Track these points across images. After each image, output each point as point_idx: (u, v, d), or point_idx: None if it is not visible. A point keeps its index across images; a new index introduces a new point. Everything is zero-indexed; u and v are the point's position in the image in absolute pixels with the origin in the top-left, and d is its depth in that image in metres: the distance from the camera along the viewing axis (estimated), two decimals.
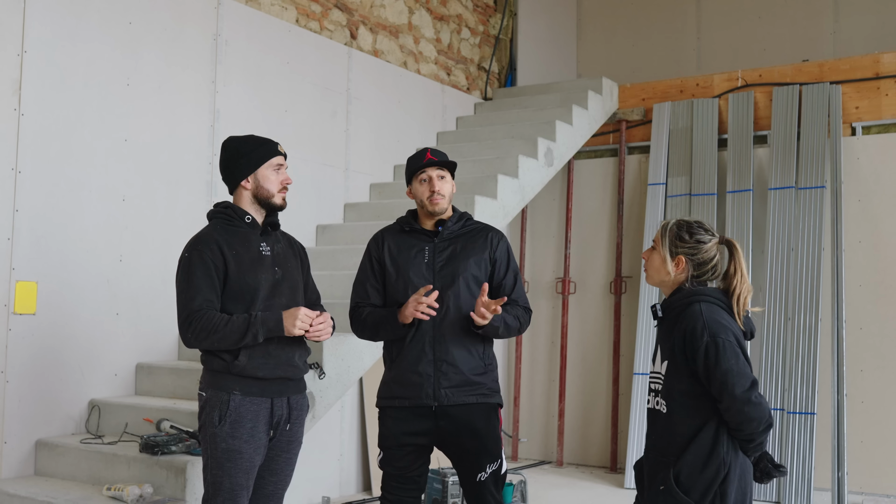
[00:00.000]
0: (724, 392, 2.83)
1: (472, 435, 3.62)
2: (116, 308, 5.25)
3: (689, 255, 3.02)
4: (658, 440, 3.00)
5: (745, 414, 2.83)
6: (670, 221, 3.09)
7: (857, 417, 6.75)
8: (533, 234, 8.49)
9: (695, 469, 2.87)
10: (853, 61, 7.21)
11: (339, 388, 4.96)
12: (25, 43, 4.82)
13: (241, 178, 3.48)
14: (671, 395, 2.95)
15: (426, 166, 3.73)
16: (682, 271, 3.03)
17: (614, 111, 8.17)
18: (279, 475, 3.48)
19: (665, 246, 3.05)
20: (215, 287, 3.34)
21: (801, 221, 6.94)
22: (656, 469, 2.96)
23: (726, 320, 2.93)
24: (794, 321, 6.78)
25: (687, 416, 2.91)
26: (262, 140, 3.55)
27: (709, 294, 2.98)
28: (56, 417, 4.95)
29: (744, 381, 2.83)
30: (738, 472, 2.89)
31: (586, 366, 8.10)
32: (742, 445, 2.91)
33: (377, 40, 7.39)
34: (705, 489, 2.85)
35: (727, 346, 2.85)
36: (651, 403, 3.07)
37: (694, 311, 2.93)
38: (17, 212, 4.76)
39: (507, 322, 3.68)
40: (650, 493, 2.99)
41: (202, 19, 5.82)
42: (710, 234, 3.05)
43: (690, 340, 2.89)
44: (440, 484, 5.61)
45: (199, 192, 5.69)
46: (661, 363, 3.02)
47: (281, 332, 3.34)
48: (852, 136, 7.10)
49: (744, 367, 2.85)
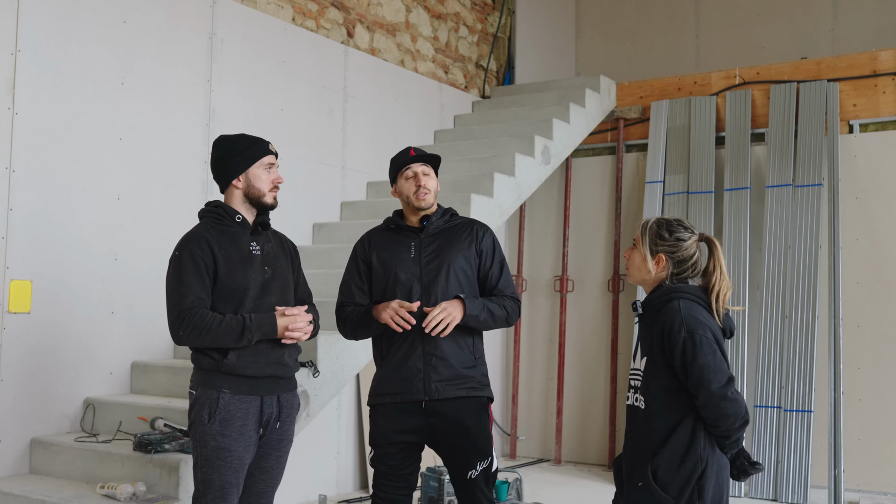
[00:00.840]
0: (701, 388, 2.84)
1: (463, 433, 3.62)
2: (111, 307, 5.26)
3: (669, 253, 3.04)
4: (636, 436, 3.01)
5: (721, 410, 2.84)
6: (650, 220, 3.12)
7: (854, 415, 6.74)
8: (531, 232, 8.49)
9: (672, 465, 2.88)
10: (851, 59, 7.20)
11: (334, 386, 4.97)
12: (19, 42, 4.82)
13: (233, 177, 3.48)
14: (649, 391, 2.97)
15: (410, 162, 3.76)
16: (662, 269, 3.05)
17: (612, 109, 8.16)
18: (270, 473, 3.49)
19: (645, 244, 3.07)
20: (206, 285, 3.35)
21: (799, 219, 6.93)
22: (634, 465, 2.98)
23: (704, 317, 2.94)
24: (791, 319, 6.77)
25: (664, 411, 2.93)
26: (254, 139, 3.55)
27: (688, 291, 2.99)
28: (51, 416, 4.96)
29: (720, 377, 2.84)
30: (716, 468, 2.89)
31: (584, 364, 8.10)
32: (719, 442, 2.92)
33: (374, 39, 7.39)
34: (682, 485, 2.86)
35: (704, 342, 2.86)
36: (630, 400, 3.08)
37: (672, 307, 2.94)
38: (12, 210, 4.77)
39: (492, 311, 3.67)
40: (628, 489, 3.00)
41: (197, 18, 5.83)
42: (690, 231, 3.07)
43: (668, 336, 2.90)
44: (436, 482, 5.60)
45: (195, 190, 5.70)
46: (640, 360, 3.04)
47: (275, 335, 3.37)
48: (850, 133, 7.08)
49: (720, 363, 2.87)
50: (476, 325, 3.67)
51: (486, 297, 3.73)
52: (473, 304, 3.63)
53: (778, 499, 6.53)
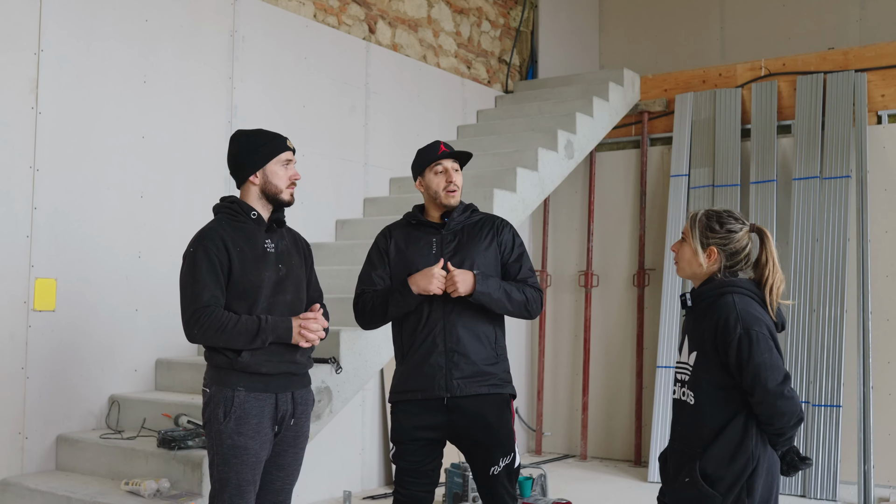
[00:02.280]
0: (757, 385, 2.78)
1: (484, 428, 3.60)
2: (135, 304, 5.29)
3: (721, 245, 2.96)
4: (684, 431, 2.96)
5: (776, 408, 2.78)
6: (699, 212, 3.03)
7: (883, 410, 6.65)
8: (555, 226, 8.45)
9: (722, 462, 2.82)
10: (879, 48, 7.09)
11: (357, 382, 4.96)
12: (42, 42, 4.85)
13: (250, 173, 3.46)
14: (699, 387, 2.90)
15: (441, 158, 3.71)
16: (714, 262, 2.97)
17: (636, 102, 8.10)
18: (287, 470, 3.48)
19: (695, 237, 2.99)
20: (220, 283, 3.33)
21: (827, 212, 6.84)
22: (682, 461, 2.92)
23: (759, 312, 2.87)
24: (819, 313, 6.68)
25: (715, 408, 2.87)
26: (272, 135, 3.53)
27: (741, 285, 2.92)
28: (76, 413, 4.99)
29: (777, 375, 2.78)
30: (766, 465, 2.84)
31: (610, 359, 8.05)
32: (771, 439, 2.86)
33: (396, 34, 7.38)
34: (732, 482, 2.81)
35: (760, 339, 2.80)
36: (677, 394, 3.02)
37: (726, 302, 2.88)
38: (36, 209, 4.80)
39: (508, 291, 3.61)
40: (675, 485, 2.94)
41: (218, 15, 5.84)
42: (741, 222, 2.99)
43: (723, 332, 2.84)
44: (461, 478, 5.59)
45: (217, 187, 5.71)
46: (688, 354, 2.97)
47: (289, 340, 3.36)
48: (878, 124, 6.98)
49: (777, 360, 2.80)
50: (490, 304, 3.59)
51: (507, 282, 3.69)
52: (487, 281, 3.57)
53: (807, 495, 6.45)
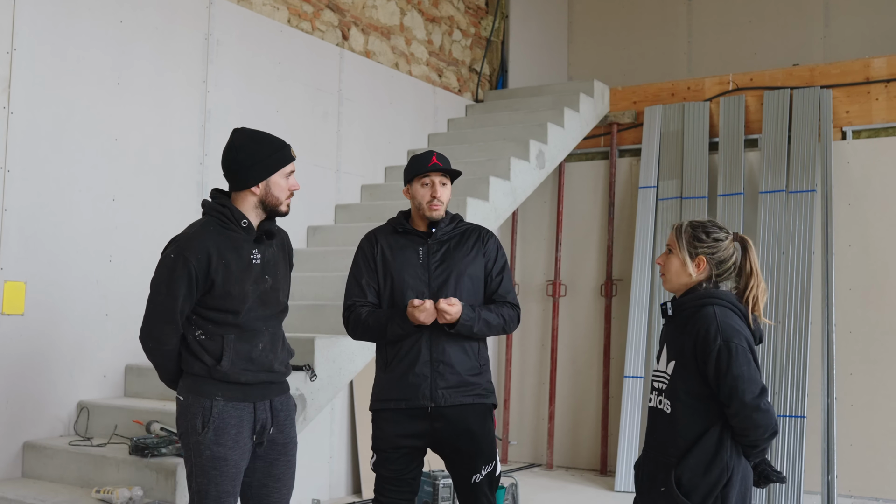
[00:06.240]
0: (734, 397, 2.81)
1: (468, 437, 3.60)
2: (106, 309, 5.21)
3: (709, 254, 2.99)
4: (660, 440, 2.98)
5: (752, 420, 2.82)
6: (683, 223, 3.06)
7: (846, 421, 6.77)
8: (524, 236, 8.48)
9: (697, 472, 2.85)
10: (844, 66, 7.23)
11: (331, 390, 4.94)
12: (15, 41, 4.77)
13: (253, 183, 3.31)
14: (677, 396, 2.93)
15: (431, 171, 3.69)
16: (703, 272, 3.00)
17: (606, 114, 8.17)
18: (282, 480, 3.41)
19: (683, 248, 3.01)
20: (192, 297, 3.25)
21: (792, 225, 6.95)
22: (657, 470, 2.95)
23: (739, 325, 2.90)
24: (784, 324, 6.79)
25: (692, 417, 2.90)
26: (278, 143, 3.38)
27: (722, 297, 2.95)
28: (44, 419, 4.90)
29: (754, 388, 2.82)
30: (741, 476, 2.88)
31: (576, 368, 8.09)
32: (745, 450, 2.90)
33: (369, 41, 7.37)
34: (707, 493, 2.84)
35: (740, 352, 2.83)
36: (654, 402, 3.04)
37: (707, 313, 2.90)
38: (6, 211, 4.71)
39: (488, 321, 3.61)
40: (650, 495, 2.97)
41: (194, 19, 5.78)
42: (725, 231, 3.03)
43: (703, 343, 2.86)
44: (430, 487, 5.58)
45: (190, 192, 5.65)
46: (667, 363, 3.00)
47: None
48: (843, 140, 7.12)
49: (755, 373, 2.84)
50: (468, 335, 3.61)
51: (485, 306, 3.68)
52: (470, 314, 3.57)
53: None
